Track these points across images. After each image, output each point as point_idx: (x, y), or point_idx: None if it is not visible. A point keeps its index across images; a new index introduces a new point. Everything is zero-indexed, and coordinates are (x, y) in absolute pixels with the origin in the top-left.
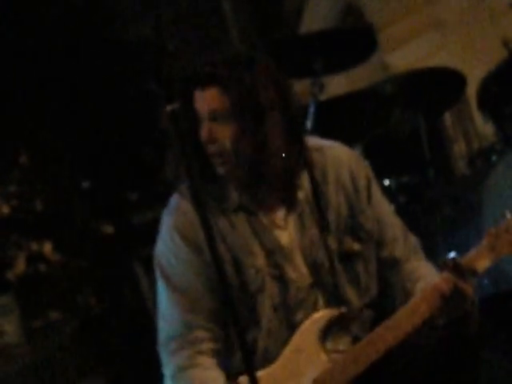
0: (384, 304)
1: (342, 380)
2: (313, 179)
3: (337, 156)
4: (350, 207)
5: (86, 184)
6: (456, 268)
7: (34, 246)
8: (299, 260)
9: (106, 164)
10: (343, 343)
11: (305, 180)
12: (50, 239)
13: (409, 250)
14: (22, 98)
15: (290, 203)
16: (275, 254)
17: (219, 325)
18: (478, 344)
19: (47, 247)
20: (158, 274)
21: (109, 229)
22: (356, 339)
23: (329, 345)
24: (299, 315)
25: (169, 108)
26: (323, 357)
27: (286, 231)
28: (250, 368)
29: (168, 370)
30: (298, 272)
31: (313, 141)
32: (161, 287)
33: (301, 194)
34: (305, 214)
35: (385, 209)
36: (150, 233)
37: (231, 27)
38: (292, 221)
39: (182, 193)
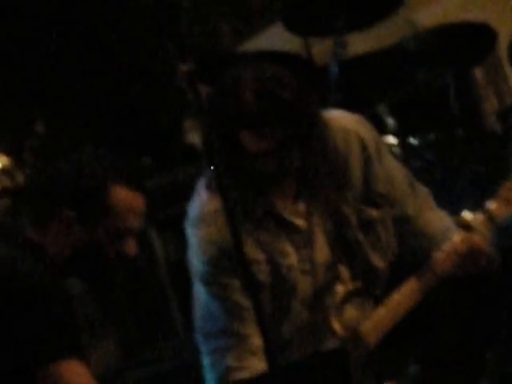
0: (402, 260)
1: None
2: (325, 158)
3: (344, 126)
4: (363, 176)
5: (101, 150)
6: (470, 226)
7: None
8: (322, 241)
9: (119, 128)
10: (364, 310)
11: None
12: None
13: (419, 204)
14: (37, 65)
15: (309, 188)
16: (301, 247)
17: None
18: (501, 294)
19: None
20: (200, 282)
21: None
22: (378, 301)
23: (349, 314)
24: (327, 298)
25: (184, 67)
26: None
27: (308, 216)
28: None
29: (215, 370)
30: (322, 253)
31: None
32: (202, 290)
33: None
34: (322, 194)
35: (393, 167)
36: (165, 196)
37: None
38: (312, 204)
39: (209, 187)
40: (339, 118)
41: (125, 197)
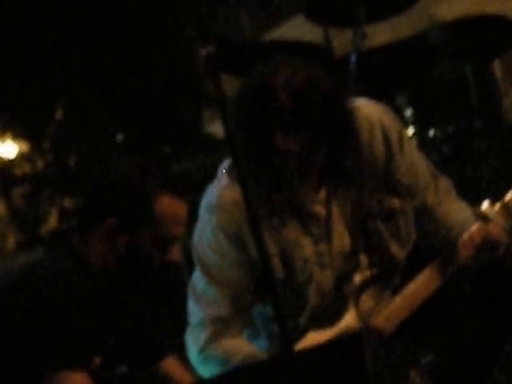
0: (419, 250)
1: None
2: (349, 148)
3: (367, 115)
4: (385, 165)
5: (119, 137)
6: (488, 217)
7: (67, 202)
8: (341, 229)
9: (140, 116)
10: (381, 300)
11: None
12: (83, 195)
13: (440, 195)
14: (58, 53)
15: (332, 178)
16: (320, 240)
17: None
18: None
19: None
20: (199, 267)
21: None
22: (395, 291)
23: (365, 303)
24: (345, 287)
25: (204, 51)
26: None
27: (328, 203)
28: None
29: (195, 347)
30: (341, 242)
31: None
32: (200, 277)
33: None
34: (343, 182)
35: (415, 157)
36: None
37: None
38: (332, 192)
39: (229, 174)
40: (364, 106)
41: (169, 205)
